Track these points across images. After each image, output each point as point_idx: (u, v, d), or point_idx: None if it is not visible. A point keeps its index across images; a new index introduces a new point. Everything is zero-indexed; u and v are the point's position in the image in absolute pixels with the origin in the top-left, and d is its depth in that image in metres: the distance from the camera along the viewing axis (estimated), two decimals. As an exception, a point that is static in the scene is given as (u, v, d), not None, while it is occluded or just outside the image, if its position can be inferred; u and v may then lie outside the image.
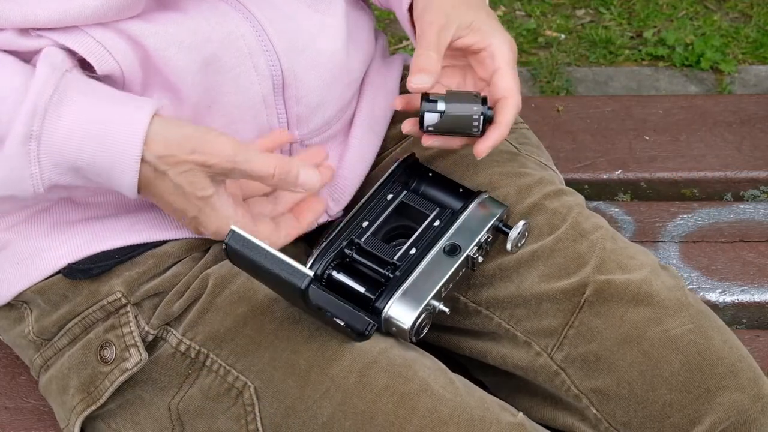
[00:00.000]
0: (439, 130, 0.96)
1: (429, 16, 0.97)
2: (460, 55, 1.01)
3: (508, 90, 0.97)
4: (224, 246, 0.84)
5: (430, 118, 0.95)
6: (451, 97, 0.95)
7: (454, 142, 0.99)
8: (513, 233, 0.97)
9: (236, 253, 0.83)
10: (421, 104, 0.95)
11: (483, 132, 0.95)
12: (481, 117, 0.95)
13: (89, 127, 0.84)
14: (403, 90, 1.14)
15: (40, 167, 0.85)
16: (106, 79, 0.89)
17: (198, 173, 0.87)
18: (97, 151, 0.84)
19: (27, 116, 0.83)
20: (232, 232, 0.83)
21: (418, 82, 0.94)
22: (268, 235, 0.94)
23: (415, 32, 1.02)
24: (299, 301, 0.84)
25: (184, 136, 0.86)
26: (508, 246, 0.98)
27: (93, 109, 0.85)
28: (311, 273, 0.81)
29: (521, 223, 0.98)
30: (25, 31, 0.87)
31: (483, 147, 0.96)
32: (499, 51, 0.98)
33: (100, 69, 0.88)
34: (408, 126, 0.99)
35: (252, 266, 0.84)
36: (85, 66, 0.89)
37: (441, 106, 0.94)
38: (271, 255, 0.82)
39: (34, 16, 0.85)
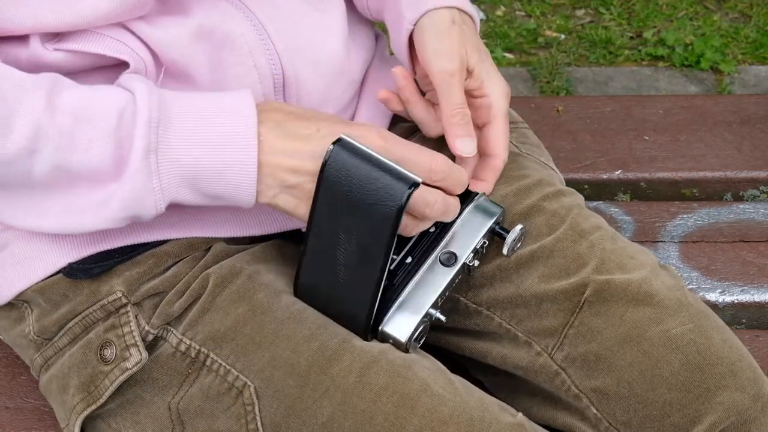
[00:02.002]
0: None
1: (443, 62, 0.98)
2: None
3: (496, 148, 1.00)
4: (328, 153, 0.82)
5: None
6: None
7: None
8: (510, 237, 0.97)
9: (341, 158, 0.82)
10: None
11: None
12: None
13: (200, 126, 0.84)
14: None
15: (161, 181, 0.84)
16: None
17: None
18: (212, 147, 0.84)
19: (144, 129, 0.83)
20: (340, 138, 0.82)
21: (467, 148, 0.96)
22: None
23: (412, 62, 1.03)
24: (389, 221, 0.83)
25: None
26: (505, 250, 0.98)
27: (195, 107, 0.85)
28: (420, 179, 0.81)
29: (518, 227, 0.97)
30: (47, 41, 0.87)
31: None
32: (497, 102, 1.00)
33: (134, 67, 0.89)
34: (384, 94, 1.02)
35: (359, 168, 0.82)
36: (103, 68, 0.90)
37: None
38: (378, 159, 0.81)
39: (45, 19, 0.85)
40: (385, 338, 0.93)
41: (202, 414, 0.92)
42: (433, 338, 1.04)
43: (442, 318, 0.94)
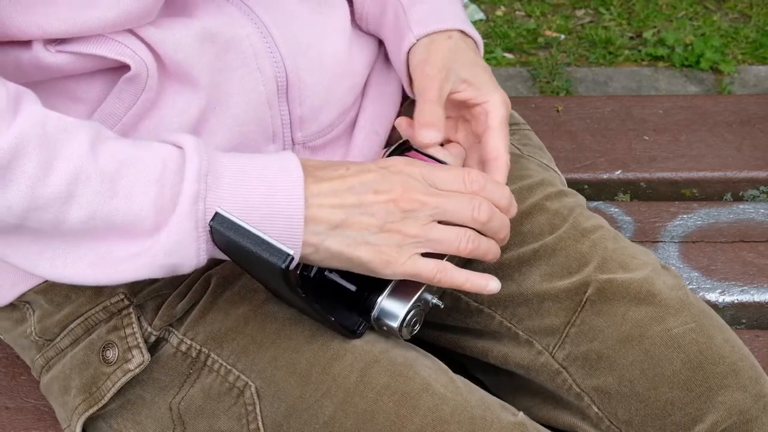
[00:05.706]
0: None
1: (429, 69, 0.99)
2: (455, 106, 1.02)
3: (497, 151, 0.99)
4: (209, 227, 0.82)
5: None
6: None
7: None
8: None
9: (220, 234, 0.82)
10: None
11: None
12: None
13: (248, 179, 0.83)
14: (405, 94, 1.14)
15: (206, 229, 0.82)
16: (134, 79, 0.89)
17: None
18: (260, 197, 0.83)
19: (194, 175, 0.81)
20: (217, 213, 0.82)
21: (429, 136, 0.95)
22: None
23: (409, 78, 1.03)
24: (282, 286, 0.83)
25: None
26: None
27: (241, 162, 0.84)
28: (291, 251, 0.80)
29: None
30: (50, 43, 0.87)
31: None
32: (494, 109, 1.00)
33: (135, 69, 0.88)
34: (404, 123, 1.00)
35: (235, 248, 0.82)
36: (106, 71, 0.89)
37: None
38: (253, 234, 0.81)
39: (51, 27, 0.85)
40: (379, 324, 0.92)
41: (203, 414, 0.92)
42: (434, 337, 1.04)
43: (440, 303, 0.93)
